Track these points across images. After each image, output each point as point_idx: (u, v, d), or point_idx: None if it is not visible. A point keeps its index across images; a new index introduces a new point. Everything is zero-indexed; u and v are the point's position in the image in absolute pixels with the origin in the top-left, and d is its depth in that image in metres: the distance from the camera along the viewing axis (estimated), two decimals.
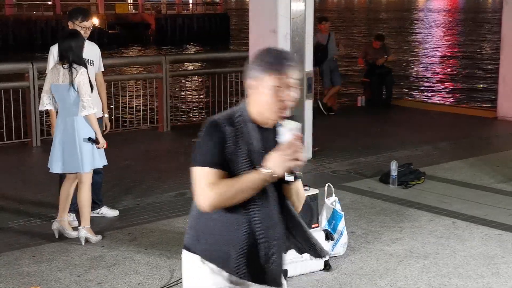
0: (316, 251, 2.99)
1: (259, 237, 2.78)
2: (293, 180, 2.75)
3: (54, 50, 6.19)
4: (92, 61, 6.42)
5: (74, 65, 5.65)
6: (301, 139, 2.72)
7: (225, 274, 2.81)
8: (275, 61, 2.76)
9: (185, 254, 2.89)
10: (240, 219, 2.77)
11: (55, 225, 5.94)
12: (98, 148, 5.81)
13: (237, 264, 2.78)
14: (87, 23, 6.26)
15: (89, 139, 5.75)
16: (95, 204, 6.53)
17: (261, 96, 2.78)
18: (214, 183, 2.70)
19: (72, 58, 5.68)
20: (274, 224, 2.84)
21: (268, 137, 2.80)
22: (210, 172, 2.72)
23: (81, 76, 5.62)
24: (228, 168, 2.74)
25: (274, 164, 2.68)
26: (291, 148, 2.68)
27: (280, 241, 2.88)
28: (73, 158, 5.77)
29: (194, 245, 2.85)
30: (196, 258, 2.84)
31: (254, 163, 2.73)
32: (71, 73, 5.63)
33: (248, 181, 2.70)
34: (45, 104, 5.92)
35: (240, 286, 2.83)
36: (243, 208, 2.77)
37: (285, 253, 2.95)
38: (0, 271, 5.25)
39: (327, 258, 3.08)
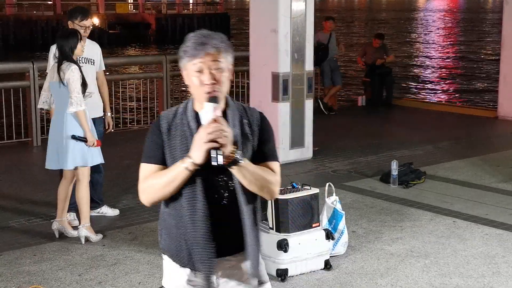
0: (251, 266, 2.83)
1: (206, 229, 2.72)
2: (219, 164, 2.59)
3: (54, 49, 6.20)
4: (93, 60, 6.41)
5: (66, 63, 5.66)
6: (219, 119, 2.61)
7: (179, 267, 2.82)
8: (191, 47, 2.72)
9: None
10: (186, 211, 2.74)
11: (55, 225, 5.94)
12: (88, 146, 5.77)
13: (188, 256, 2.77)
14: (86, 22, 6.26)
15: (73, 137, 5.72)
16: (96, 203, 6.53)
17: (190, 84, 2.76)
18: (146, 178, 2.74)
19: (63, 56, 5.69)
20: (222, 216, 2.75)
21: None
22: (145, 167, 2.77)
23: (71, 73, 5.62)
24: (167, 162, 2.74)
25: (193, 149, 2.62)
26: (206, 130, 2.59)
27: (233, 233, 2.77)
28: (60, 155, 5.78)
29: (159, 241, 2.91)
30: (162, 249, 2.91)
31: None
32: (62, 71, 5.65)
33: (173, 171, 2.68)
34: (41, 102, 6.00)
35: (194, 279, 2.81)
36: (188, 200, 2.73)
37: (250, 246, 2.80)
38: (0, 270, 5.25)
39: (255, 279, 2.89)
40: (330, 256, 5.36)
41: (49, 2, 46.26)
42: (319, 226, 5.35)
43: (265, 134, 2.82)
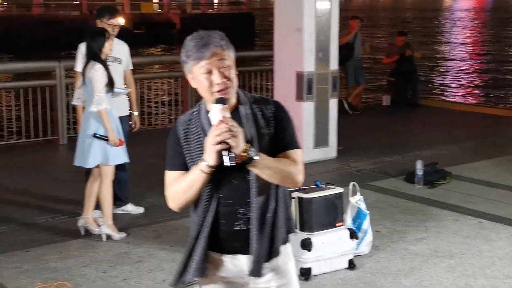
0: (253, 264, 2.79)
1: (221, 229, 2.76)
2: (231, 164, 2.58)
3: (82, 48, 6.27)
4: (120, 59, 6.46)
5: (91, 62, 5.72)
6: (226, 120, 2.59)
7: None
8: (194, 50, 2.71)
9: None
10: (204, 213, 2.77)
11: (80, 222, 6.00)
12: (110, 145, 5.79)
13: (189, 251, 2.83)
14: (114, 21, 6.31)
15: (95, 135, 5.76)
16: (121, 201, 6.58)
17: (200, 87, 2.75)
18: (171, 185, 2.78)
19: (91, 54, 5.75)
20: (243, 215, 2.75)
21: None
22: (169, 174, 2.81)
23: (95, 72, 5.66)
24: (189, 167, 2.75)
25: (205, 152, 2.62)
26: (214, 132, 2.58)
27: (253, 233, 2.75)
28: (82, 152, 5.84)
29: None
30: None
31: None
32: (87, 69, 5.71)
33: (190, 175, 2.69)
34: (75, 99, 6.07)
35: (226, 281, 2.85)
36: (203, 200, 2.76)
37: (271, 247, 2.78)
38: (27, 266, 5.32)
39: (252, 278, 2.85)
40: (354, 256, 5.35)
41: (76, 2, 46.68)
42: (343, 225, 5.34)
43: (282, 122, 2.78)
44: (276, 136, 2.76)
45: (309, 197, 5.13)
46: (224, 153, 2.58)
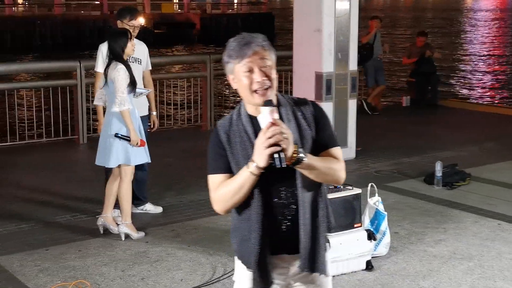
0: (304, 261, 2.84)
1: (272, 230, 2.77)
2: (282, 166, 2.61)
3: (102, 48, 6.31)
4: (140, 59, 6.50)
5: (114, 62, 5.76)
6: (277, 122, 2.61)
7: (246, 269, 2.86)
8: (236, 49, 2.76)
9: None
10: (252, 214, 2.78)
11: (99, 221, 6.04)
12: (131, 145, 5.82)
13: (256, 260, 2.79)
14: (135, 22, 6.35)
15: (116, 135, 5.79)
16: (140, 201, 6.62)
17: (240, 87, 2.78)
18: (217, 188, 2.79)
19: (114, 55, 5.79)
20: (284, 212, 2.79)
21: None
22: (213, 178, 2.81)
23: (116, 73, 5.70)
24: (232, 169, 2.77)
25: (255, 154, 2.63)
26: (266, 134, 2.59)
27: (301, 231, 2.80)
28: (104, 152, 5.88)
29: (232, 244, 2.96)
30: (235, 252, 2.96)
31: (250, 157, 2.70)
32: (109, 70, 5.75)
33: (239, 177, 2.70)
34: (97, 99, 6.11)
35: (262, 281, 2.85)
36: (254, 202, 2.77)
37: (319, 243, 2.84)
38: (46, 264, 5.36)
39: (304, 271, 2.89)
40: (372, 257, 5.34)
41: (96, 2, 46.98)
42: (361, 226, 5.33)
43: (321, 122, 2.85)
44: (317, 135, 2.83)
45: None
46: (275, 155, 2.61)
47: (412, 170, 8.28)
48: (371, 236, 5.29)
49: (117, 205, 6.14)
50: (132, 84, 5.80)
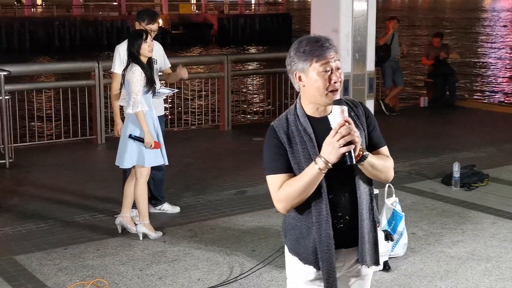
0: (361, 255, 2.95)
1: (325, 227, 2.83)
2: (352, 163, 2.71)
3: (119, 49, 6.36)
4: (155, 59, 6.53)
5: (131, 64, 5.80)
6: (349, 120, 2.70)
7: (307, 267, 2.92)
8: (314, 47, 2.81)
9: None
10: (313, 212, 2.85)
11: (118, 220, 6.08)
12: (145, 147, 5.83)
13: (313, 256, 2.87)
14: (153, 26, 6.37)
15: (130, 136, 5.82)
16: (157, 201, 6.65)
17: (312, 85, 2.83)
18: (280, 188, 2.82)
19: (130, 56, 5.84)
20: (348, 212, 2.89)
21: (323, 128, 2.81)
22: (275, 178, 2.84)
23: (132, 74, 5.73)
24: (293, 169, 2.83)
25: (327, 152, 2.70)
26: (339, 134, 2.67)
27: (359, 226, 2.92)
28: (120, 153, 5.92)
29: (285, 240, 3.01)
30: (287, 249, 3.01)
31: (313, 157, 2.79)
32: (127, 71, 5.80)
33: (307, 175, 2.75)
34: (121, 100, 6.09)
35: (317, 277, 2.92)
36: (315, 201, 2.83)
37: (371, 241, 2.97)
38: (65, 263, 5.41)
39: (374, 267, 3.04)
40: (389, 258, 5.33)
41: (115, 3, 47.25)
42: (378, 227, 5.31)
43: (371, 122, 2.95)
44: (369, 134, 2.94)
45: None
46: (347, 152, 2.70)
47: (429, 171, 8.25)
48: (388, 236, 5.29)
49: (135, 205, 6.18)
50: (149, 85, 5.83)
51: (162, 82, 7.48)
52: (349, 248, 2.94)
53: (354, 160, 2.71)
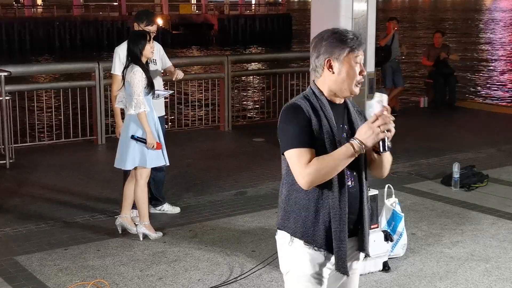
0: (362, 243, 3.07)
1: (344, 211, 2.90)
2: (384, 151, 2.86)
3: (119, 51, 6.37)
4: (155, 60, 6.55)
5: (131, 65, 5.81)
6: (388, 110, 2.81)
7: (313, 249, 2.94)
8: (352, 39, 2.91)
9: (278, 233, 3.07)
10: (325, 195, 2.90)
11: (118, 221, 6.09)
12: (147, 148, 5.84)
13: (325, 238, 2.91)
14: (151, 28, 6.38)
15: (132, 137, 5.82)
16: (157, 201, 6.66)
17: (343, 74, 2.91)
18: (308, 162, 2.84)
19: (132, 57, 5.84)
20: (356, 198, 2.99)
21: (341, 112, 2.97)
22: (303, 151, 2.85)
23: (133, 75, 5.73)
24: (316, 145, 2.87)
25: (366, 136, 2.79)
26: (381, 120, 2.78)
27: (362, 215, 3.02)
28: (120, 154, 5.93)
29: (285, 223, 3.01)
30: (287, 235, 3.00)
31: (335, 138, 2.88)
32: (127, 72, 5.81)
33: (341, 155, 2.82)
34: (117, 101, 6.10)
35: (328, 261, 2.97)
36: (327, 184, 2.88)
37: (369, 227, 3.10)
38: (66, 264, 5.42)
39: (367, 256, 3.18)
40: (389, 258, 5.35)
41: (115, 4, 47.26)
42: (377, 227, 5.33)
43: (366, 119, 3.02)
44: None
45: None
46: (381, 140, 2.83)
47: (429, 172, 8.26)
48: (388, 237, 5.30)
49: (135, 206, 6.19)
50: (150, 86, 5.84)
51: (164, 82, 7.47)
52: (351, 237, 3.00)
53: (387, 148, 2.83)
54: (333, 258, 2.96)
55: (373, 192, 5.31)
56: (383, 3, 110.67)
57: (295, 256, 2.99)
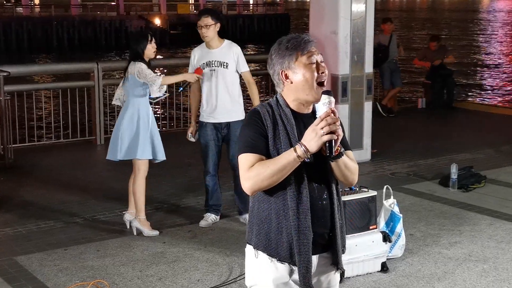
0: (336, 257, 2.93)
1: (304, 224, 2.78)
2: (331, 155, 2.68)
3: (194, 52, 6.65)
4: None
5: (132, 62, 5.90)
6: (335, 112, 2.68)
7: (277, 262, 2.84)
8: (296, 43, 2.84)
9: (246, 247, 2.97)
10: (288, 205, 2.79)
11: (127, 216, 6.13)
12: (190, 82, 6.13)
13: (288, 251, 2.81)
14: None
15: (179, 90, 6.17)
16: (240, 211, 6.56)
17: (300, 79, 2.82)
18: (252, 166, 2.75)
19: (134, 56, 5.95)
20: (321, 208, 2.85)
21: (307, 122, 2.79)
22: (250, 156, 2.77)
23: (140, 66, 5.84)
24: (270, 152, 2.78)
25: (309, 139, 2.67)
26: (324, 122, 2.64)
27: (334, 228, 2.88)
28: (131, 146, 5.96)
29: (249, 236, 2.93)
30: (251, 249, 2.92)
31: (293, 146, 2.74)
32: (129, 68, 5.92)
33: (283, 159, 2.71)
34: (114, 99, 6.21)
35: (294, 274, 2.85)
36: (289, 194, 2.79)
37: (340, 239, 2.92)
38: (65, 264, 5.44)
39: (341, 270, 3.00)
40: (387, 259, 5.37)
41: (113, 3, 47.21)
42: (376, 228, 5.36)
43: (341, 124, 2.85)
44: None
45: (343, 200, 5.15)
46: (328, 143, 2.67)
47: (427, 172, 8.29)
48: (386, 238, 5.33)
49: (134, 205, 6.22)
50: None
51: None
52: (317, 254, 2.87)
53: (334, 152, 2.67)
54: None
55: (371, 193, 5.34)
56: (381, 4, 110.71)
57: (259, 269, 2.89)
